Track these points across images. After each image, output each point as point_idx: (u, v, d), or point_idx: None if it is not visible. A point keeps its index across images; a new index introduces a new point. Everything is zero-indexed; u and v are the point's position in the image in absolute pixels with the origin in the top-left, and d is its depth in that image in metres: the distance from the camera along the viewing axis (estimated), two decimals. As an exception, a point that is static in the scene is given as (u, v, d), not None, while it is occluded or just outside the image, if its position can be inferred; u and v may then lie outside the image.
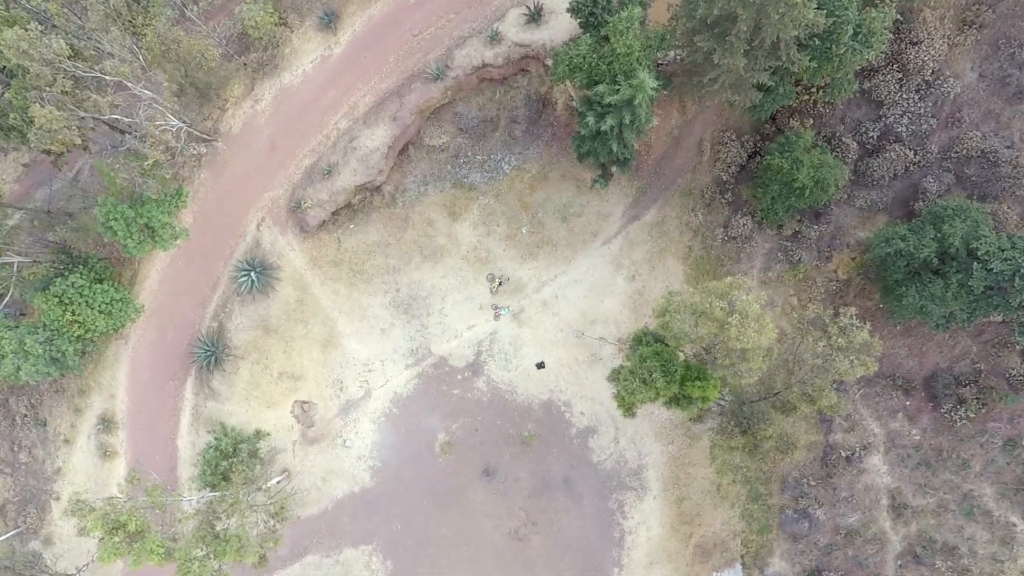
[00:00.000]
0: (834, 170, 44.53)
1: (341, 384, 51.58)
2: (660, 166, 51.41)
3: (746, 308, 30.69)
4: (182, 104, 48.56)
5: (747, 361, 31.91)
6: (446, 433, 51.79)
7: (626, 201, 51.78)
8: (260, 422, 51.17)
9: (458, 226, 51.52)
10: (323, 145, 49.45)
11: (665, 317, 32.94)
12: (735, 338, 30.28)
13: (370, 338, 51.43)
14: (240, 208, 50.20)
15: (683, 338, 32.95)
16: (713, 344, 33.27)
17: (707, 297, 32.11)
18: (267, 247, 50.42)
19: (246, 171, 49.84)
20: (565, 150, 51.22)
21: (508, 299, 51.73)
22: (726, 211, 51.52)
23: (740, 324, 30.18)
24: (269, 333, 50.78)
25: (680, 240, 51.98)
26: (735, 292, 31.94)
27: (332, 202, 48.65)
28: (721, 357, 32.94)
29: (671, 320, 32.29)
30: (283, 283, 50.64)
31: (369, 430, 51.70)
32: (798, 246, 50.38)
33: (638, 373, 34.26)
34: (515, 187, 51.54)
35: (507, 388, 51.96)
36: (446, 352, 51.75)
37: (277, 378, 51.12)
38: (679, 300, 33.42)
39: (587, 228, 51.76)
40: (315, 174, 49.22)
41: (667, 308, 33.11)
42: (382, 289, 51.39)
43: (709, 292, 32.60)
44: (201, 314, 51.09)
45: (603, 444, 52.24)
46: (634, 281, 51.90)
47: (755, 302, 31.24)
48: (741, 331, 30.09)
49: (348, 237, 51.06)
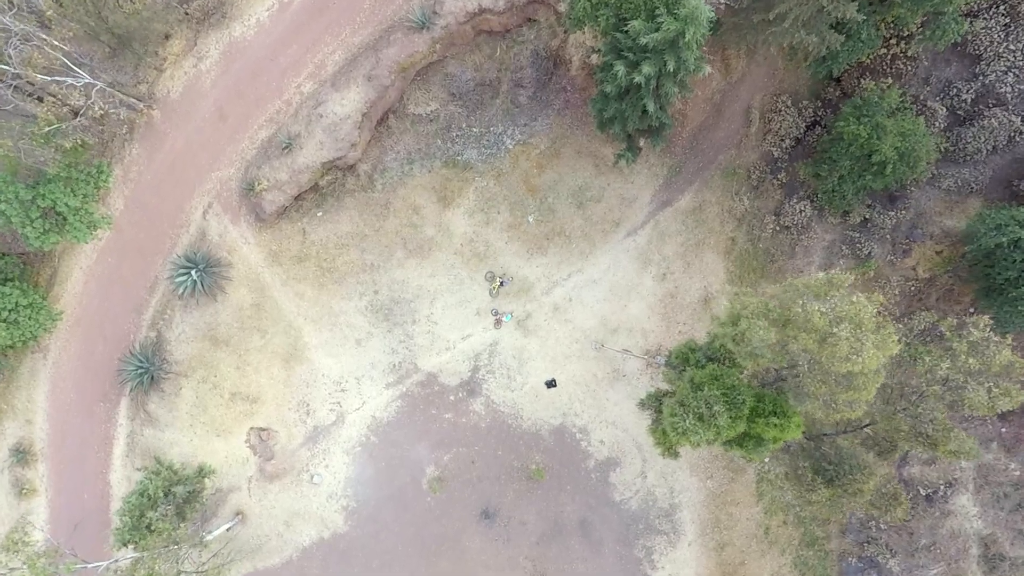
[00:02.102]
0: (925, 140, 35.15)
1: (307, 407, 42.23)
2: (697, 140, 42.02)
3: (859, 314, 21.36)
4: (111, 64, 39.29)
5: (854, 390, 22.56)
6: (436, 466, 42.51)
7: (656, 183, 42.39)
8: (208, 453, 41.85)
9: (450, 214, 42.18)
10: (283, 113, 40.08)
11: (739, 326, 23.54)
12: (845, 357, 20.96)
13: (343, 351, 42.11)
14: (182, 192, 40.86)
15: (762, 356, 23.62)
16: (800, 364, 23.90)
17: (795, 298, 22.75)
18: (215, 239, 41.05)
19: (188, 146, 40.49)
20: (582, 120, 41.83)
21: (511, 303, 42.39)
22: (778, 195, 42.13)
23: (853, 337, 20.87)
24: (218, 345, 41.41)
25: (721, 231, 42.59)
26: (835, 292, 22.59)
27: (293, 183, 39.27)
28: (813, 383, 23.57)
29: (749, 330, 22.91)
30: (235, 284, 41.27)
31: (342, 463, 42.39)
32: (868, 237, 40.99)
33: (692, 406, 24.88)
34: (520, 166, 42.18)
35: (510, 411, 42.64)
36: (436, 368, 42.41)
37: (229, 400, 41.78)
38: (757, 303, 24.00)
39: (608, 216, 42.38)
40: (273, 149, 39.84)
41: (741, 313, 23.71)
42: (357, 291, 42.06)
43: (795, 291, 23.27)
44: (137, 322, 41.76)
45: (627, 479, 42.93)
46: (665, 281, 42.53)
47: (869, 305, 21.90)
48: (855, 347, 20.78)
49: (315, 227, 41.69)
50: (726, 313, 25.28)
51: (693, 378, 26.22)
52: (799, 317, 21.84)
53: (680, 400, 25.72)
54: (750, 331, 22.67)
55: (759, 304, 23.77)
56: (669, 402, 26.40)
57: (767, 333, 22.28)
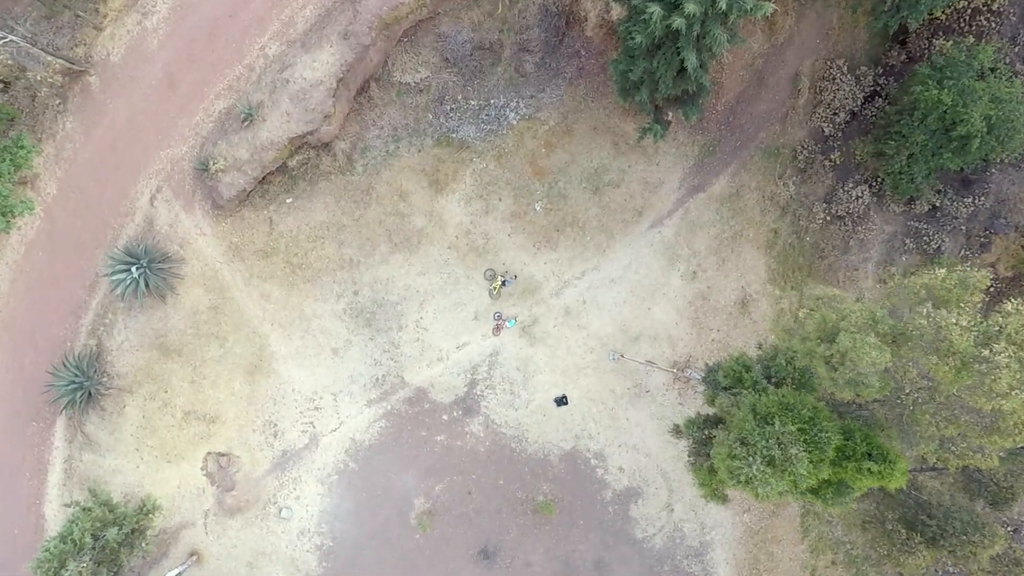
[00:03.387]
0: (1022, 109, 28.83)
1: (275, 428, 35.88)
2: (734, 114, 35.67)
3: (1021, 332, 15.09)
4: (49, 25, 33.13)
5: (999, 433, 16.27)
6: (426, 498, 36.19)
7: (685, 165, 36.05)
8: (158, 483, 35.51)
9: (443, 201, 35.86)
10: (244, 80, 33.73)
11: (838, 344, 17.17)
12: (1002, 392, 14.68)
13: (317, 362, 35.77)
14: (125, 174, 34.53)
15: (869, 386, 17.29)
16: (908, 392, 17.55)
17: (912, 303, 16.46)
18: (165, 230, 34.71)
19: (132, 119, 34.17)
20: (598, 90, 35.49)
21: (515, 306, 36.08)
22: (830, 178, 35.82)
23: (1018, 364, 14.59)
24: (169, 355, 35.06)
25: (762, 221, 36.27)
26: (969, 296, 16.31)
27: (256, 163, 32.92)
28: (935, 421, 17.26)
29: (855, 350, 16.57)
30: (189, 283, 34.93)
31: (316, 494, 36.04)
32: (937, 228, 34.71)
33: (758, 447, 18.53)
34: (525, 145, 35.87)
35: (514, 433, 36.31)
36: (426, 382, 36.07)
37: (181, 420, 35.42)
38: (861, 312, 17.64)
39: (629, 204, 36.05)
40: (231, 122, 33.49)
41: (840, 325, 17.32)
42: (334, 291, 35.72)
43: (910, 295, 17.02)
44: (74, 328, 35.43)
45: (651, 513, 36.62)
46: (695, 280, 36.20)
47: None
48: (1020, 378, 14.51)
49: (284, 216, 35.34)
50: (813, 323, 18.98)
51: (756, 406, 19.87)
52: (925, 333, 15.60)
53: (740, 436, 19.37)
54: (857, 351, 16.39)
55: (864, 313, 17.49)
56: (724, 438, 20.06)
57: (880, 355, 16.02)
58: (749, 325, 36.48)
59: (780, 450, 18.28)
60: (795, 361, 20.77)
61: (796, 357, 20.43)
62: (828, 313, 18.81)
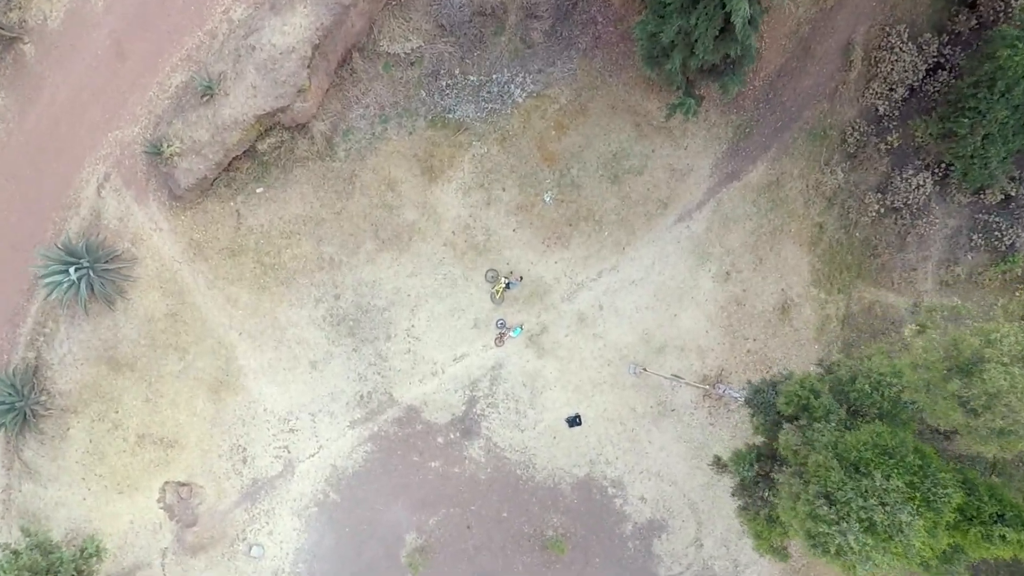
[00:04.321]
0: None
1: (244, 453, 31.11)
2: (775, 90, 30.92)
3: None
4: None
5: None
6: (419, 533, 31.49)
7: (718, 149, 31.30)
8: (107, 517, 30.75)
9: (438, 191, 31.08)
10: (206, 50, 28.92)
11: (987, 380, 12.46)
12: None
13: (292, 377, 31.00)
14: (68, 159, 29.76)
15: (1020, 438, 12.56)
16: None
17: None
18: (114, 224, 29.91)
19: (76, 95, 29.39)
20: (618, 62, 30.74)
21: (521, 312, 31.34)
22: (884, 165, 31.09)
23: None
24: (120, 370, 30.27)
25: (805, 214, 31.53)
26: None
27: (218, 145, 28.10)
28: None
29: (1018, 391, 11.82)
30: (143, 286, 30.13)
31: (291, 529, 31.30)
32: (1011, 221, 30.08)
33: (853, 507, 13.76)
34: (533, 127, 31.11)
35: (519, 458, 31.59)
36: (418, 400, 31.32)
37: (135, 444, 30.65)
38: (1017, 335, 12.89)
39: (652, 194, 31.30)
40: (191, 98, 28.67)
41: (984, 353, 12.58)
42: (312, 296, 30.94)
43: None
44: (11, 338, 30.64)
45: (677, 549, 31.94)
46: (729, 282, 31.47)
47: None
48: None
49: (254, 208, 30.54)
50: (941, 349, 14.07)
51: (839, 448, 15.10)
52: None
53: (825, 490, 14.61)
54: (1019, 394, 11.64)
55: (1019, 336, 12.70)
56: (797, 488, 15.31)
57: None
58: (790, 334, 31.76)
59: (885, 513, 13.58)
60: (885, 388, 16.07)
61: (888, 383, 15.76)
62: (963, 336, 14.08)
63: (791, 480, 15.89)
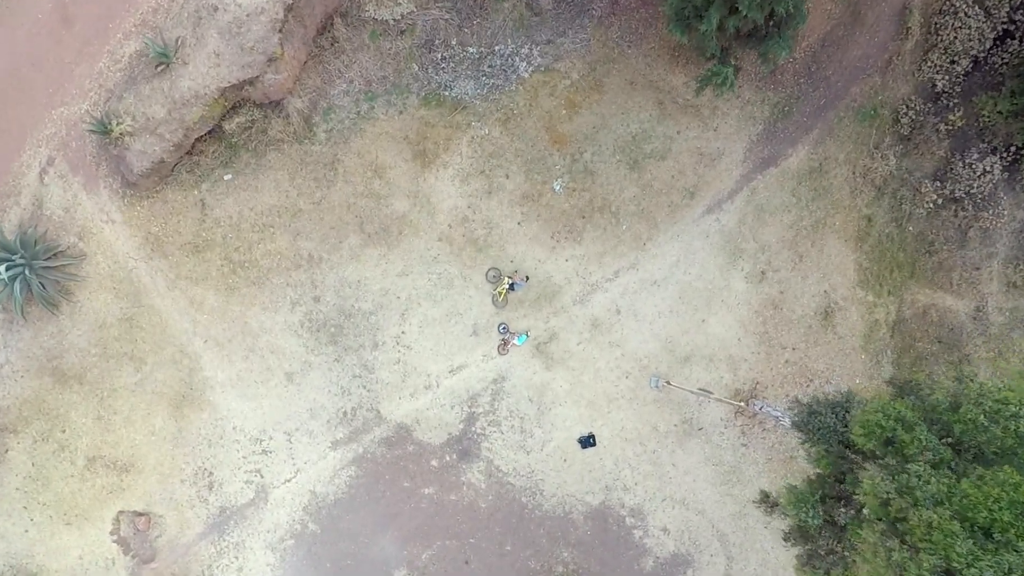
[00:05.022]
0: None
1: (210, 478, 27.22)
2: (818, 63, 27.06)
3: None
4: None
5: None
6: (410, 569, 27.61)
7: (752, 131, 27.42)
8: (53, 552, 26.86)
9: (432, 179, 27.22)
10: (163, 14, 25.06)
11: None
12: None
13: (265, 391, 27.12)
14: (6, 140, 25.95)
15: None
16: None
17: None
18: (59, 215, 26.05)
19: (14, 67, 25.57)
20: (638, 30, 26.89)
21: (527, 316, 27.47)
22: (944, 148, 27.20)
23: None
24: (67, 383, 26.39)
25: (851, 205, 27.66)
26: None
27: (175, 123, 24.22)
28: None
29: None
30: (92, 286, 26.26)
31: (264, 564, 27.42)
32: (1091, 215, 26.13)
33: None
34: (540, 105, 27.24)
35: (525, 484, 27.71)
36: (409, 417, 27.44)
37: (85, 469, 26.77)
38: None
39: (677, 182, 27.43)
40: (145, 69, 24.80)
41: None
42: (288, 298, 27.06)
43: None
44: (-56, 345, 26.74)
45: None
46: (764, 282, 27.60)
47: None
48: None
49: (221, 198, 26.67)
50: None
51: (957, 500, 11.22)
52: None
53: (945, 566, 10.73)
54: None
55: None
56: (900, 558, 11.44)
57: None
58: (833, 342, 27.88)
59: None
60: (1010, 419, 12.22)
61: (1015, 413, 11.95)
62: None
63: (887, 542, 12.05)
